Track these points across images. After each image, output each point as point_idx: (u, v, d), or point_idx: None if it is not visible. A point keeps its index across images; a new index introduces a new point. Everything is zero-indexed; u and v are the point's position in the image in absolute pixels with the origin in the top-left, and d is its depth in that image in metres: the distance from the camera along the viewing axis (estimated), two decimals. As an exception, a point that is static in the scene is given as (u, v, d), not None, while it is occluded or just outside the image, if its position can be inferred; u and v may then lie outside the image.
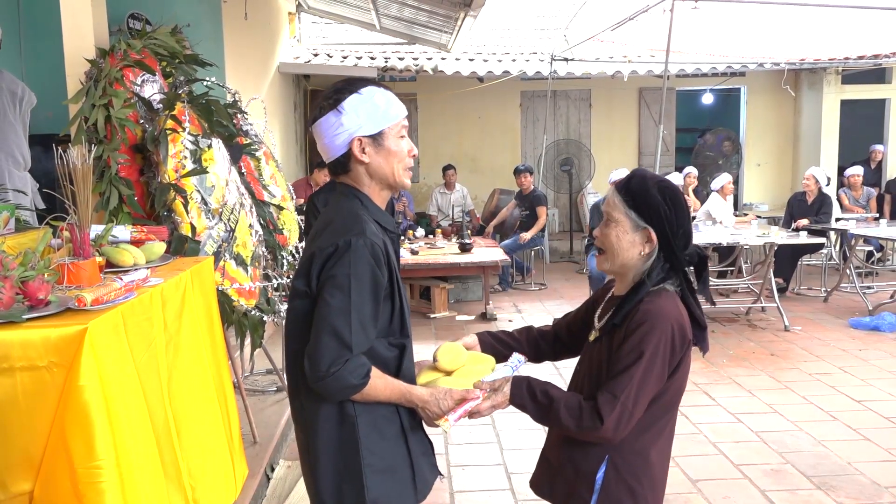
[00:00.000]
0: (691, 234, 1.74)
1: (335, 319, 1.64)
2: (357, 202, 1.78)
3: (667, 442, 1.80)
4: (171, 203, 3.19)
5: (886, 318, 6.55)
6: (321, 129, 1.78)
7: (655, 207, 1.69)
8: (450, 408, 1.73)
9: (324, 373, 1.62)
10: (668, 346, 1.66)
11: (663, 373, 1.67)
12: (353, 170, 1.79)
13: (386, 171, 1.80)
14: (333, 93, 1.77)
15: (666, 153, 11.10)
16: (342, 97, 1.74)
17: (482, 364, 1.87)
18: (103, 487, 1.86)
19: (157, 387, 2.32)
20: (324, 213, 1.84)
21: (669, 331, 1.66)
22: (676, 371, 1.71)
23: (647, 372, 1.65)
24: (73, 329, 1.86)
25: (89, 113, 3.11)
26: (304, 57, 9.99)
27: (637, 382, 1.64)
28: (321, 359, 1.63)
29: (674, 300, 1.72)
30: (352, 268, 1.65)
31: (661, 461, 1.79)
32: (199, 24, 5.08)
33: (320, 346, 1.63)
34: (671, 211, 1.69)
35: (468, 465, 3.87)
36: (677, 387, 1.74)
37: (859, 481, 3.64)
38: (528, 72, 10.20)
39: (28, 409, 1.86)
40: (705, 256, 1.78)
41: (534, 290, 8.72)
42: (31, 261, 2.07)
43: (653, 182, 1.73)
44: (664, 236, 1.70)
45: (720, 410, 4.62)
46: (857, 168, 9.46)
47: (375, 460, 1.75)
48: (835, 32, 8.52)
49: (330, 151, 1.79)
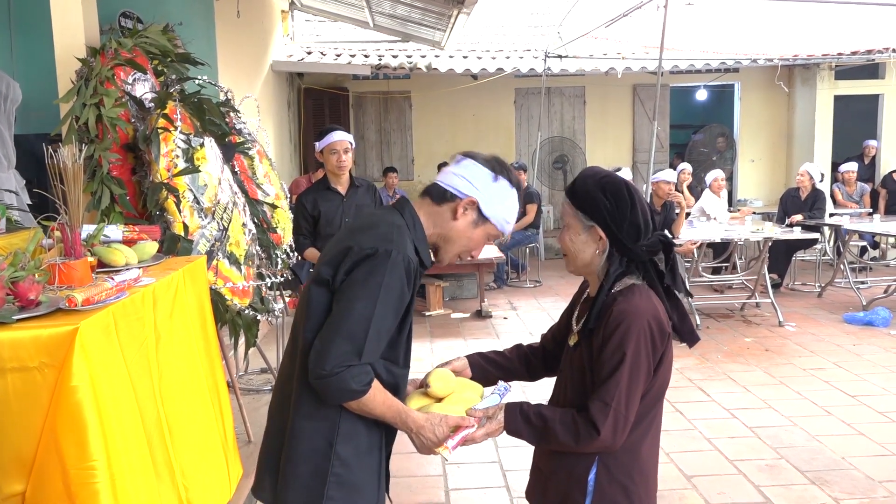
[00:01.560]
0: (641, 224, 1.71)
1: (355, 324, 1.62)
2: (411, 224, 1.77)
3: (655, 436, 1.79)
4: (163, 202, 3.18)
5: (880, 313, 6.57)
6: (466, 164, 1.80)
7: (596, 204, 1.71)
8: (445, 435, 1.71)
9: (327, 371, 1.60)
10: (649, 342, 1.65)
11: (649, 370, 1.67)
12: (440, 209, 1.79)
13: (452, 238, 1.80)
14: (500, 165, 1.82)
15: (660, 150, 11.10)
16: (503, 175, 1.79)
17: (471, 391, 1.86)
18: (96, 488, 1.85)
19: (148, 387, 2.32)
20: (371, 214, 1.84)
21: (647, 327, 1.65)
22: (660, 365, 1.70)
23: (634, 372, 1.64)
24: (64, 329, 1.85)
25: (80, 112, 3.10)
26: (298, 55, 9.97)
27: (625, 385, 1.64)
28: (329, 357, 1.60)
29: (647, 295, 1.71)
30: (386, 277, 1.64)
31: (651, 456, 1.78)
32: (191, 22, 5.06)
33: (332, 345, 1.61)
34: (612, 204, 1.69)
35: (463, 463, 3.86)
36: (662, 381, 1.73)
37: (853, 476, 3.65)
38: (522, 69, 10.20)
39: (19, 411, 1.85)
40: (669, 242, 1.75)
41: (529, 287, 8.72)
42: (22, 261, 2.06)
43: (594, 180, 1.74)
44: (610, 231, 1.70)
45: (715, 406, 4.63)
46: (850, 164, 9.49)
47: (344, 472, 1.72)
48: (828, 28, 8.53)
49: (451, 182, 1.79)
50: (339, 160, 4.11)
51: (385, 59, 10.05)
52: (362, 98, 11.18)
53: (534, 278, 9.00)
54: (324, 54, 10.27)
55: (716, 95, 12.93)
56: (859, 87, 10.92)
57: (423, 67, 9.89)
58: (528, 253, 9.19)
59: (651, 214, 1.75)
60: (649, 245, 1.72)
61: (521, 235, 8.65)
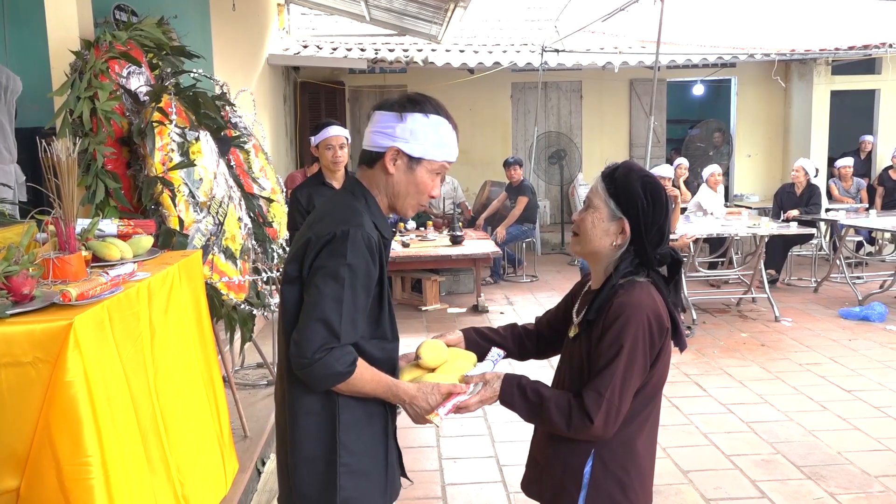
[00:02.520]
0: (666, 233, 1.73)
1: (327, 308, 1.62)
2: (363, 201, 1.78)
3: (652, 431, 1.80)
4: (158, 196, 3.16)
5: (876, 308, 6.58)
6: (376, 118, 1.79)
7: (634, 199, 1.70)
8: (438, 402, 1.71)
9: (309, 359, 1.61)
10: (647, 337, 1.66)
11: (645, 364, 1.67)
12: (375, 171, 1.80)
13: (399, 192, 1.79)
14: (408, 100, 1.79)
15: (656, 144, 11.10)
16: (410, 109, 1.76)
17: (464, 360, 1.86)
18: (91, 484, 1.84)
19: (143, 382, 2.30)
20: (324, 203, 1.85)
21: (646, 321, 1.65)
22: (657, 360, 1.71)
23: (629, 365, 1.64)
24: (59, 324, 1.84)
25: (74, 105, 3.08)
26: (294, 49, 9.93)
27: (620, 377, 1.64)
28: (308, 344, 1.61)
29: (648, 290, 1.71)
30: (348, 258, 1.64)
31: (647, 451, 1.78)
32: (185, 15, 5.03)
33: (308, 331, 1.62)
34: (649, 206, 1.70)
35: (459, 458, 3.86)
36: (659, 376, 1.74)
37: (849, 471, 3.65)
38: (519, 63, 10.17)
39: (13, 406, 1.83)
40: (679, 259, 1.77)
41: (525, 282, 8.72)
42: (16, 255, 2.04)
43: (637, 175, 1.73)
44: (637, 229, 1.71)
45: (711, 401, 4.64)
46: (847, 159, 9.49)
47: (352, 461, 1.74)
48: (825, 23, 8.53)
49: (371, 141, 1.80)
50: (334, 156, 4.02)
51: (381, 53, 10.01)
52: (358, 92, 11.15)
53: (530, 273, 8.99)
54: (320, 48, 10.24)
55: (712, 90, 12.93)
56: (856, 82, 10.92)
57: (420, 61, 9.86)
58: (524, 248, 9.19)
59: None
60: (662, 255, 1.74)
61: (518, 230, 8.64)
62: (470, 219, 9.34)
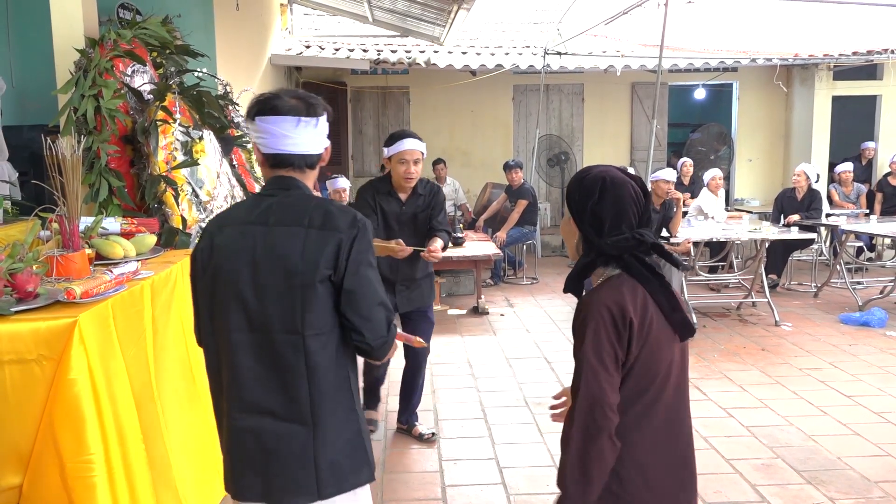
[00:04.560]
0: (605, 219, 1.73)
1: (379, 291, 1.85)
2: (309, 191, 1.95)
3: (655, 429, 1.75)
4: (161, 195, 3.16)
5: (876, 313, 6.58)
6: (318, 126, 1.90)
7: (571, 196, 1.80)
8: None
9: (385, 336, 1.85)
10: (610, 325, 1.67)
11: (615, 353, 1.67)
12: (314, 168, 1.94)
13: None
14: (323, 106, 1.96)
15: (658, 148, 11.11)
16: (323, 111, 1.96)
17: None
18: (93, 482, 1.84)
19: (145, 380, 2.31)
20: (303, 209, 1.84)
21: (606, 311, 1.67)
22: (636, 350, 1.69)
23: (596, 352, 1.66)
24: (63, 322, 1.84)
25: (79, 103, 3.08)
26: (296, 49, 9.93)
27: (588, 364, 1.66)
28: (380, 325, 1.84)
29: (616, 285, 1.72)
30: (370, 242, 1.86)
31: (651, 449, 1.74)
32: (189, 14, 5.03)
33: (376, 314, 1.83)
34: (578, 197, 1.77)
35: (460, 460, 3.86)
36: (645, 368, 1.71)
37: (849, 476, 3.65)
38: (521, 65, 10.18)
39: (17, 403, 1.84)
40: (652, 244, 1.73)
41: (525, 284, 8.72)
42: (20, 252, 2.05)
43: (578, 175, 1.82)
44: (578, 221, 1.79)
45: (711, 405, 4.64)
46: (847, 164, 9.50)
47: (364, 426, 1.93)
48: (827, 28, 8.55)
49: (312, 146, 1.90)
50: (407, 171, 3.69)
51: (384, 54, 10.02)
52: (360, 93, 11.15)
53: (531, 275, 8.99)
54: (322, 48, 10.24)
55: (714, 94, 12.93)
56: (857, 87, 10.93)
57: (422, 63, 9.86)
58: (525, 250, 9.19)
59: (641, 214, 1.76)
60: (616, 241, 1.72)
61: (518, 233, 8.64)
62: (470, 220, 9.34)
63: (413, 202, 3.86)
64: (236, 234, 1.82)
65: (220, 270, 1.81)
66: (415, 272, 3.88)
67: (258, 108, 1.86)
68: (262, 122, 1.85)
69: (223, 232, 1.85)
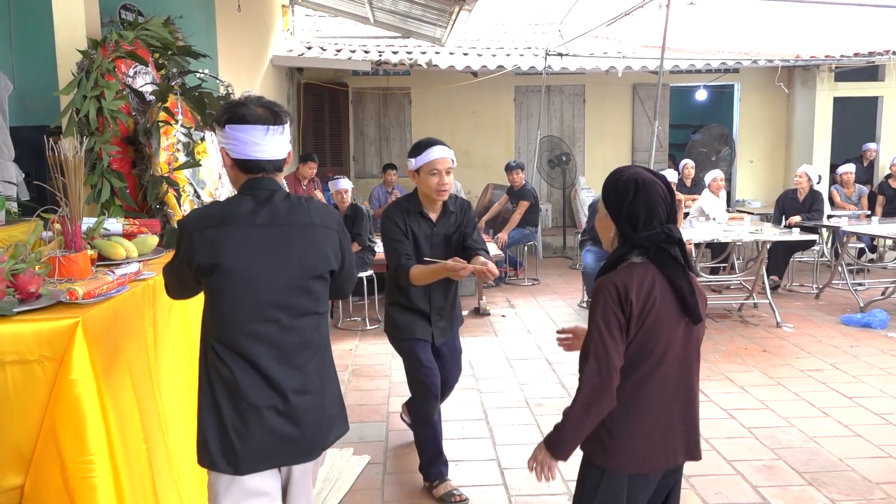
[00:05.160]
0: (638, 215, 1.97)
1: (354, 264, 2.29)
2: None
3: (647, 396, 2.00)
4: (163, 196, 3.17)
5: (877, 315, 6.57)
6: (284, 133, 2.06)
7: (607, 195, 2.04)
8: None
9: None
10: (615, 302, 1.94)
11: (620, 324, 1.95)
12: (281, 171, 2.11)
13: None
14: (286, 113, 2.10)
15: (659, 149, 11.10)
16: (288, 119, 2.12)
17: None
18: (95, 482, 1.84)
19: (147, 381, 2.31)
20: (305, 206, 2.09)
21: (613, 290, 1.95)
22: (637, 324, 1.95)
23: (605, 321, 1.94)
24: (65, 323, 1.84)
25: (81, 104, 3.08)
26: (298, 50, 9.94)
27: (597, 332, 1.94)
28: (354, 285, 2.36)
29: (630, 270, 1.98)
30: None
31: (641, 411, 2.00)
32: (191, 15, 5.04)
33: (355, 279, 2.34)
34: (615, 197, 2.02)
35: (461, 461, 3.86)
36: (645, 336, 1.97)
37: (851, 477, 3.65)
38: (523, 67, 10.19)
39: (19, 404, 1.84)
40: (676, 238, 1.99)
41: (527, 285, 8.72)
42: (22, 253, 2.05)
43: (612, 176, 2.06)
44: (615, 219, 2.03)
45: (713, 406, 4.64)
46: (849, 166, 9.49)
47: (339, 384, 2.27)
48: (828, 30, 8.55)
49: (279, 152, 2.06)
50: (441, 183, 3.28)
51: (385, 55, 10.03)
52: (362, 94, 11.16)
53: (532, 276, 9.00)
54: (324, 49, 10.26)
55: (715, 95, 12.93)
56: (859, 89, 10.93)
57: (424, 64, 9.87)
58: (526, 251, 9.19)
59: (668, 210, 2.01)
60: (649, 235, 1.97)
61: (520, 234, 8.64)
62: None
63: (445, 222, 3.43)
64: (246, 234, 1.96)
65: (232, 270, 1.94)
66: (447, 300, 3.51)
67: (228, 117, 2.00)
68: (233, 131, 1.98)
69: (226, 231, 1.95)
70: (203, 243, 1.93)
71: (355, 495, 3.49)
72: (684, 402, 2.09)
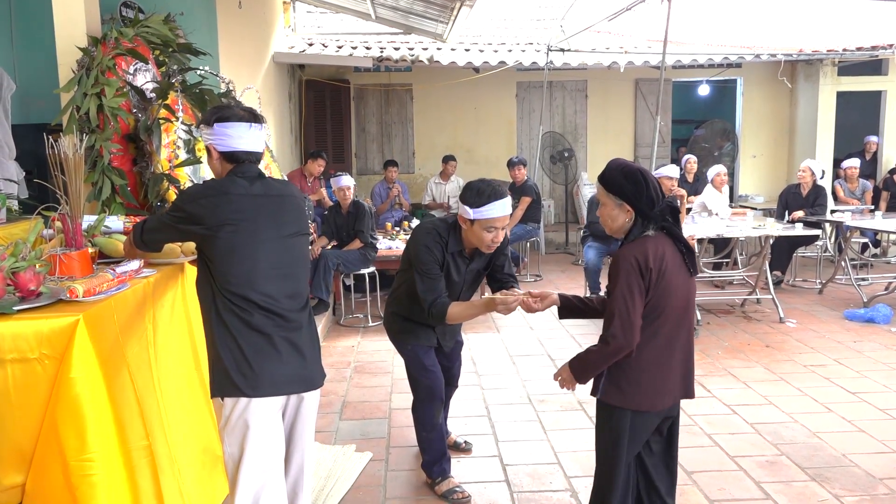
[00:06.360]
0: (654, 197, 2.36)
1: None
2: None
3: (659, 347, 2.38)
4: (164, 193, 3.17)
5: (881, 310, 6.56)
6: (262, 130, 2.40)
7: (621, 187, 2.37)
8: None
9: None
10: (636, 270, 2.30)
11: (640, 286, 2.30)
12: (259, 162, 2.41)
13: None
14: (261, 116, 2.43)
15: (662, 144, 11.08)
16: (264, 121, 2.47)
17: None
18: (95, 480, 1.84)
19: (148, 378, 2.31)
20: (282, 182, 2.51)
21: (633, 259, 2.31)
22: (654, 287, 2.31)
23: (628, 289, 2.29)
24: (66, 321, 1.84)
25: (81, 102, 3.08)
26: (299, 46, 9.93)
27: (621, 297, 2.29)
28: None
29: (643, 241, 2.34)
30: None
31: (652, 364, 2.38)
32: (192, 12, 5.03)
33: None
34: (633, 188, 2.36)
35: (463, 457, 3.86)
36: (659, 297, 2.33)
37: (854, 473, 3.64)
38: (525, 62, 10.16)
39: (19, 402, 1.84)
40: (675, 207, 2.39)
41: (529, 281, 8.71)
42: (23, 251, 2.05)
43: (618, 170, 2.39)
44: (634, 205, 2.37)
45: (715, 402, 4.63)
46: (853, 160, 9.46)
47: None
48: (831, 24, 8.51)
49: (258, 146, 2.39)
50: (495, 239, 3.11)
51: (387, 52, 10.01)
52: (363, 90, 11.15)
53: (534, 272, 8.99)
54: (325, 46, 10.24)
55: (718, 90, 12.90)
56: (862, 83, 10.89)
57: (425, 60, 9.85)
58: (528, 247, 9.18)
59: (660, 189, 2.39)
60: (661, 210, 2.36)
61: (522, 230, 8.62)
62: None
63: (480, 257, 3.30)
64: (247, 200, 2.27)
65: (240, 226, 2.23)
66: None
67: (217, 116, 2.32)
68: (221, 127, 2.30)
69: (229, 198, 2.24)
70: (210, 208, 2.20)
71: (357, 492, 3.49)
72: (684, 347, 2.46)
